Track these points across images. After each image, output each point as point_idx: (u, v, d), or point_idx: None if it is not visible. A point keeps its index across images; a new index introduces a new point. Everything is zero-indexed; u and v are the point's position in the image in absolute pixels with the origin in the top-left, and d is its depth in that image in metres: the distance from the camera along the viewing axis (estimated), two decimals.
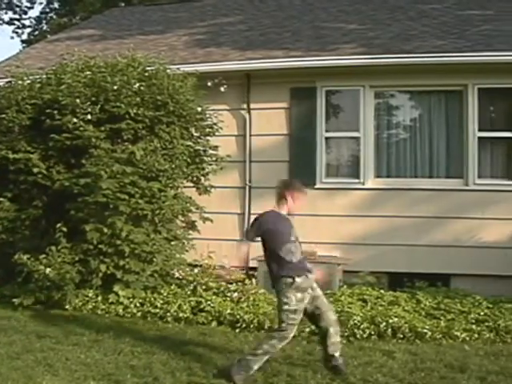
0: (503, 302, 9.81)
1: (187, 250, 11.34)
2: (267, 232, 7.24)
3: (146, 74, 10.85)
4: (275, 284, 7.16)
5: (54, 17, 34.45)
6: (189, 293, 10.38)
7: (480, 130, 11.61)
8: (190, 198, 11.31)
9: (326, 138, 12.34)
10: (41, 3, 34.71)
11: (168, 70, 11.10)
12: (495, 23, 13.04)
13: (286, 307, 6.95)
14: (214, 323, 9.41)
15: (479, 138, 11.62)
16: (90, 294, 10.21)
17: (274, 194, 7.37)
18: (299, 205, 7.36)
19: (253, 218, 12.08)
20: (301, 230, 7.69)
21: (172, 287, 10.60)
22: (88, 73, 10.77)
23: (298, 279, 6.97)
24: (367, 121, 12.10)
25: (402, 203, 11.80)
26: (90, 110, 10.28)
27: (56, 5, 34.82)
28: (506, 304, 9.67)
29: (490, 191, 11.50)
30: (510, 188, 11.46)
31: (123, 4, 29.05)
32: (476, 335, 8.71)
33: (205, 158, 11.55)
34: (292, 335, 7.08)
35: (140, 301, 10.10)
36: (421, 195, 11.78)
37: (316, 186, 12.04)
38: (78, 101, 10.24)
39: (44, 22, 35.01)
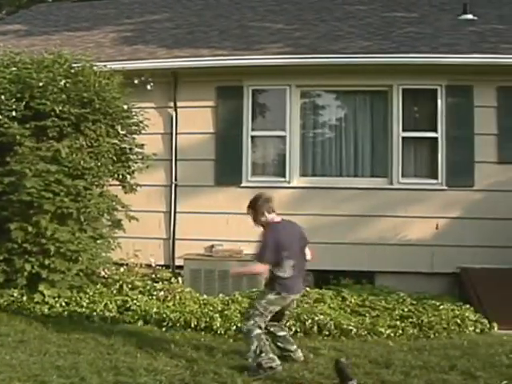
0: (426, 299, 10.08)
1: (113, 249, 11.24)
2: None
3: (73, 71, 10.72)
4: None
5: None
6: (115, 292, 10.37)
7: (404, 130, 11.83)
8: (116, 196, 11.22)
9: (252, 137, 12.37)
10: None
11: (94, 67, 11.00)
12: (420, 26, 13.30)
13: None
14: (140, 322, 9.37)
15: (403, 137, 11.83)
16: (15, 294, 10.06)
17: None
18: None
19: (179, 216, 12.21)
20: (227, 228, 7.74)
21: (98, 286, 10.55)
22: (13, 69, 10.61)
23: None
24: (293, 120, 12.18)
25: (328, 202, 11.91)
26: (14, 106, 10.15)
27: None
28: (429, 300, 9.96)
29: (414, 190, 11.72)
30: (433, 187, 11.70)
31: None
32: (400, 331, 8.91)
33: (131, 156, 11.45)
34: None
35: (66, 300, 10.02)
36: (346, 194, 11.91)
37: (242, 185, 12.07)
38: (2, 97, 10.13)
39: None
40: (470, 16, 13.60)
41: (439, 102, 11.72)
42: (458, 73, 11.57)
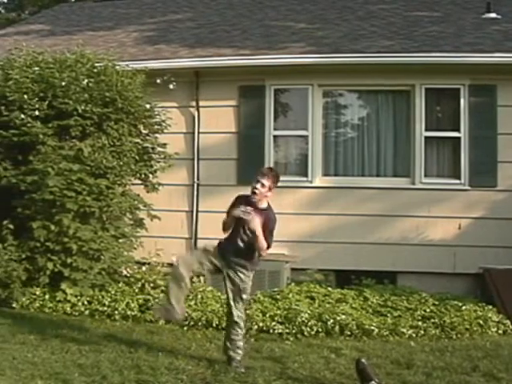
0: (449, 299, 10.02)
1: (135, 248, 11.27)
2: None
3: (95, 71, 10.75)
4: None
5: (3, 11, 33.92)
6: (137, 291, 10.34)
7: (427, 129, 11.76)
8: (138, 195, 11.24)
9: (275, 137, 12.35)
10: None
11: (117, 67, 11.02)
12: (442, 25, 13.22)
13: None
14: (161, 321, 9.35)
15: (426, 137, 11.77)
16: (38, 292, 10.10)
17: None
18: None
19: (201, 215, 12.20)
20: None
21: (120, 285, 10.54)
22: (36, 68, 10.65)
23: None
24: (315, 119, 12.15)
25: (350, 201, 11.88)
26: (37, 106, 10.18)
27: None
28: (451, 301, 9.89)
29: (436, 190, 11.66)
30: (455, 187, 11.63)
31: None
32: (422, 332, 8.89)
33: (153, 156, 11.48)
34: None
35: (88, 299, 10.03)
36: (368, 193, 11.87)
37: None
38: (25, 96, 10.14)
39: None
40: (493, 15, 13.48)
41: (462, 101, 11.65)
42: (481, 72, 11.49)
